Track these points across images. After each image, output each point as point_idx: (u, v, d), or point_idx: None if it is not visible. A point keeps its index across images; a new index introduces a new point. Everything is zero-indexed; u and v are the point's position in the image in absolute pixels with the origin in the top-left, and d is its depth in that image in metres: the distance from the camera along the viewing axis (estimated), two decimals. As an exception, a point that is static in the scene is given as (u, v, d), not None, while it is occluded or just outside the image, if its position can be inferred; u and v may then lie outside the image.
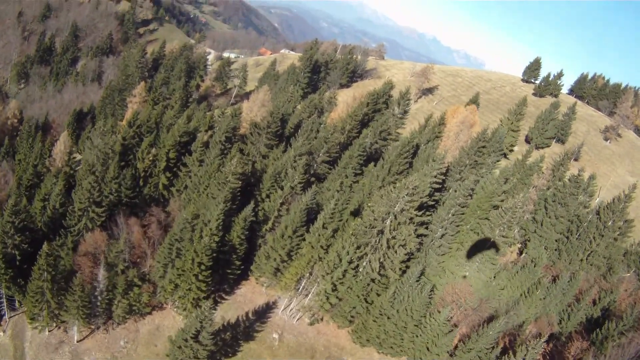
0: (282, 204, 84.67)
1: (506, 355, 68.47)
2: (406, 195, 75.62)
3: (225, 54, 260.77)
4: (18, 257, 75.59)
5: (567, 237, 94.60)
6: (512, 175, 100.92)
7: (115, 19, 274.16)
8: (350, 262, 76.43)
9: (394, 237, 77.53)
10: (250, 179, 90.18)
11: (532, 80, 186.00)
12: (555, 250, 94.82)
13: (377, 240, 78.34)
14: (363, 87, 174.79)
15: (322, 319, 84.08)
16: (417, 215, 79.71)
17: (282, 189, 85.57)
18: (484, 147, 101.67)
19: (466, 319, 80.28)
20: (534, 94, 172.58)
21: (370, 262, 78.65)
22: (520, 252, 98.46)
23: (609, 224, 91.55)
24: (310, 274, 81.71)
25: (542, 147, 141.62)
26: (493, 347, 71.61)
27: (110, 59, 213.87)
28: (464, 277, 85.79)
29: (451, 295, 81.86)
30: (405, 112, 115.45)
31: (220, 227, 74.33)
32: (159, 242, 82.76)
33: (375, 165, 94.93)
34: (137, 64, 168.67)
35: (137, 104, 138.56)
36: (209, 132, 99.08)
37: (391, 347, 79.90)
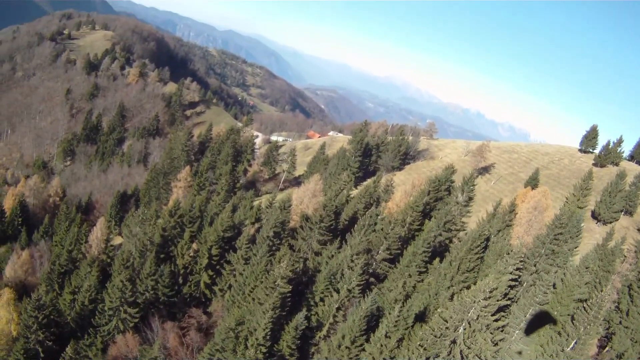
0: (338, 309, 74.46)
1: None
2: (482, 299, 65.18)
3: (273, 137, 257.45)
4: (42, 354, 69.42)
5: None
6: (593, 263, 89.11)
7: (162, 101, 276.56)
8: (418, 377, 65.56)
9: (468, 347, 66.63)
10: (301, 278, 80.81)
11: (591, 150, 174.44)
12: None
13: (449, 352, 67.37)
14: (417, 170, 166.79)
15: None
16: (494, 321, 68.85)
17: (337, 292, 75.37)
18: (560, 233, 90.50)
19: None
20: (594, 164, 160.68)
21: (441, 376, 67.52)
22: (602, 346, 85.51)
23: (699, 305, 78.80)
24: (371, 389, 70.73)
25: (610, 222, 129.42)
26: None
27: (157, 141, 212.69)
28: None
29: (529, 408, 70.16)
30: (470, 198, 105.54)
31: (267, 337, 64.84)
32: (199, 348, 73.45)
33: (441, 261, 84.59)
34: (183, 146, 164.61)
35: (182, 188, 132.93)
36: (256, 225, 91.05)
37: None
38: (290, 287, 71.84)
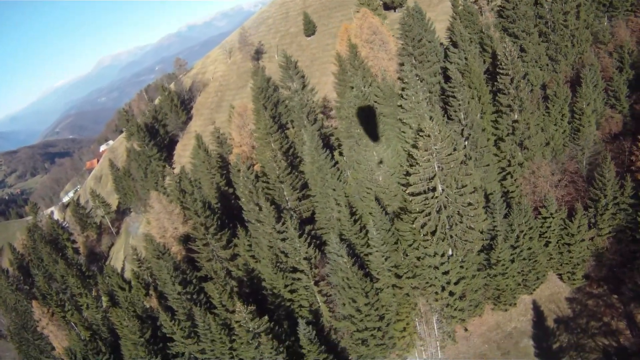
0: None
1: None
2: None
3: (66, 199, 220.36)
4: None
5: None
6: (463, 34, 77.42)
7: None
8: None
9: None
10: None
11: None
12: None
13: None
14: (204, 106, 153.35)
15: None
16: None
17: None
18: (417, 33, 76.35)
19: None
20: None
21: None
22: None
23: None
24: None
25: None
26: None
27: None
28: None
29: None
30: (302, 77, 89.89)
31: None
32: None
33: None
34: None
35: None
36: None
37: None
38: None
